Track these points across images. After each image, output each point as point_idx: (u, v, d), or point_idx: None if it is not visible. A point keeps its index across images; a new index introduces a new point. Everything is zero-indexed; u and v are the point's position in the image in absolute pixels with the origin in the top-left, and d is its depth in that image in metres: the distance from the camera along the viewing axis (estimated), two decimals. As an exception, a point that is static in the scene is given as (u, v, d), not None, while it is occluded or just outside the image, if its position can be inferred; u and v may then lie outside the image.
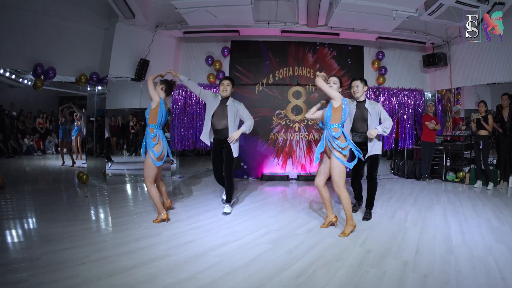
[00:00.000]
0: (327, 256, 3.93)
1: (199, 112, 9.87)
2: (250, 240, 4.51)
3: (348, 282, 3.26)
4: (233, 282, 3.26)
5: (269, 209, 6.23)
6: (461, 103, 10.99)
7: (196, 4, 7.63)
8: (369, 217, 5.58)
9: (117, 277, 3.30)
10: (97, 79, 8.53)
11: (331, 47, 9.87)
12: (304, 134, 9.75)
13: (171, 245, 4.24)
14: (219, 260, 3.80)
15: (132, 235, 4.62)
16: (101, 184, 8.41)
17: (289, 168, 9.79)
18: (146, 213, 5.78)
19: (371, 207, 5.79)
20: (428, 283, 3.21)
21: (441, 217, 5.65)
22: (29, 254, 3.80)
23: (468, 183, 8.86)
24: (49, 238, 4.34)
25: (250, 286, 3.18)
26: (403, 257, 3.85)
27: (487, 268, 3.53)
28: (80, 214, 5.63)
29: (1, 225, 4.89)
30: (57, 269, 3.40)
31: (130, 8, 7.78)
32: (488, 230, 4.87)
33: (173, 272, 3.44)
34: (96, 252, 3.92)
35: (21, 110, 15.52)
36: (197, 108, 9.91)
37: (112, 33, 8.42)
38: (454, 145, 9.48)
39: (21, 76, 11.07)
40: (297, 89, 9.77)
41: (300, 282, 3.26)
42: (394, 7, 7.59)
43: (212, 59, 9.93)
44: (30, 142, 15.20)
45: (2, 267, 3.39)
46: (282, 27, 9.00)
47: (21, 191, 7.40)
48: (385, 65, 10.20)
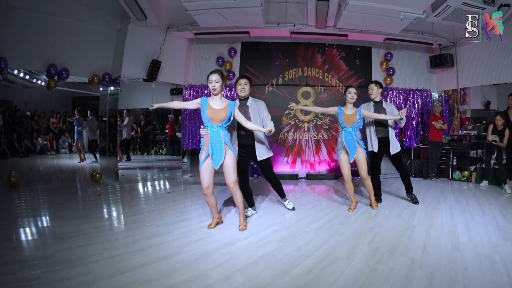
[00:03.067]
0: (336, 253, 3.95)
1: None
2: (260, 238, 4.53)
3: (356, 279, 3.27)
4: (243, 279, 3.29)
5: (279, 208, 6.26)
6: (467, 103, 11.00)
7: (207, 5, 7.70)
8: (415, 200, 6.54)
9: (129, 274, 3.34)
10: (110, 79, 8.67)
11: (340, 48, 9.94)
12: (313, 133, 9.83)
13: (182, 243, 4.27)
14: (229, 257, 3.83)
15: (144, 233, 4.67)
16: (113, 182, 8.53)
17: (298, 167, 9.86)
18: (158, 211, 5.84)
19: (411, 190, 6.65)
20: (435, 280, 3.21)
21: (448, 215, 5.67)
22: (43, 251, 3.85)
23: (474, 182, 8.89)
24: (62, 236, 4.40)
25: (260, 283, 3.20)
26: (410, 255, 3.86)
27: (493, 266, 3.53)
28: (93, 212, 5.73)
29: (16, 223, 4.98)
30: (70, 267, 3.45)
31: (142, 9, 7.89)
32: (494, 228, 4.88)
33: (184, 270, 3.48)
34: (109, 249, 3.97)
35: (35, 110, 15.63)
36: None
37: (125, 34, 8.54)
38: (461, 144, 9.53)
39: (34, 76, 11.20)
40: (306, 89, 9.85)
41: (309, 279, 3.27)
42: (402, 8, 7.65)
43: (222, 60, 10.02)
44: (44, 141, 15.34)
45: (17, 265, 3.45)
46: (292, 29, 9.07)
47: (34, 190, 7.48)
48: (393, 66, 10.26)
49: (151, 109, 4.84)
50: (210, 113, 4.61)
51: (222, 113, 4.64)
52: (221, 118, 4.64)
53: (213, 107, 4.65)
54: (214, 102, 4.71)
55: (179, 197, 6.95)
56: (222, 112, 4.65)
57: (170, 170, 11.46)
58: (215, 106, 4.68)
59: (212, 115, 4.61)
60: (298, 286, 3.15)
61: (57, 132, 16.01)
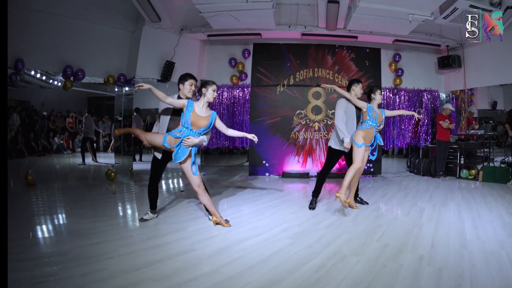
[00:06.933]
0: (345, 250, 4.01)
1: (222, 112, 10.21)
2: (272, 235, 4.59)
3: (365, 275, 3.31)
4: (255, 276, 3.33)
5: (290, 206, 6.33)
6: (474, 103, 11.05)
7: (219, 8, 7.85)
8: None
9: (144, 270, 3.40)
10: (125, 80, 8.82)
11: (350, 50, 10.02)
12: (323, 133, 9.91)
13: (195, 240, 4.35)
14: (241, 254, 3.90)
15: (158, 230, 4.78)
16: (128, 181, 8.67)
17: (309, 166, 9.94)
18: (172, 209, 5.96)
19: None
20: (443, 277, 3.25)
21: (455, 213, 5.72)
22: (59, 248, 3.95)
23: (482, 180, 8.94)
24: (78, 233, 4.51)
25: (271, 280, 3.24)
26: (418, 252, 3.90)
27: (500, 262, 3.58)
28: (108, 210, 5.85)
29: (33, 220, 5.11)
30: (86, 263, 3.53)
31: (156, 12, 8.01)
32: (500, 226, 4.93)
33: (198, 266, 3.55)
34: (124, 246, 4.07)
35: (51, 110, 15.79)
36: (220, 109, 10.24)
37: (139, 36, 8.66)
38: (468, 143, 9.63)
39: (51, 77, 11.28)
40: (317, 90, 9.92)
41: (320, 276, 3.32)
42: (410, 11, 7.77)
43: (235, 61, 10.20)
44: (60, 141, 15.52)
45: (33, 261, 3.54)
46: (303, 30, 9.20)
47: (51, 188, 7.65)
48: (402, 67, 10.40)
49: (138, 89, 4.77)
50: (193, 117, 4.69)
51: (203, 121, 4.74)
52: (201, 125, 4.74)
53: (197, 113, 4.74)
54: (199, 109, 4.80)
55: (192, 195, 7.05)
56: (204, 120, 4.75)
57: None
58: (200, 113, 4.77)
59: (194, 120, 4.69)
60: (308, 283, 3.20)
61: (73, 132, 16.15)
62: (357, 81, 6.14)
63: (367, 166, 9.91)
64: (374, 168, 10.12)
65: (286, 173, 9.75)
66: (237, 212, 5.81)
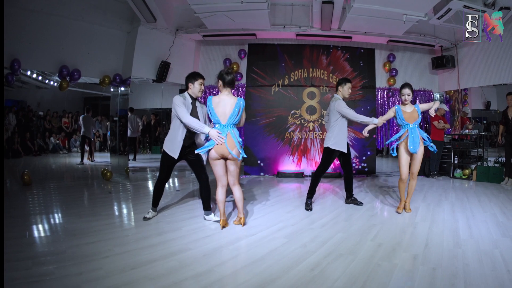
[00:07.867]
0: (340, 249, 4.02)
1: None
2: (267, 234, 4.61)
3: (360, 274, 3.33)
4: (250, 275, 3.34)
5: (285, 205, 6.34)
6: (468, 103, 11.11)
7: (214, 8, 7.90)
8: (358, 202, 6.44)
9: (139, 270, 3.41)
10: (120, 80, 8.82)
11: (344, 50, 10.07)
12: (318, 133, 9.95)
13: (190, 239, 4.35)
14: (236, 253, 3.95)
15: (153, 229, 4.78)
16: (124, 181, 8.66)
17: (304, 166, 9.98)
18: (167, 208, 5.94)
19: None
20: (437, 276, 3.28)
21: (449, 213, 5.74)
22: (55, 247, 3.95)
23: (475, 180, 9.01)
24: (74, 232, 4.51)
25: (266, 279, 3.25)
26: (412, 251, 3.93)
27: (493, 261, 3.61)
28: (104, 210, 5.83)
29: (29, 220, 5.11)
30: (82, 262, 3.53)
31: (151, 12, 8.02)
32: (494, 225, 4.96)
33: (193, 265, 3.54)
34: (119, 246, 4.07)
35: (48, 110, 15.79)
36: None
37: (135, 37, 8.69)
38: (462, 143, 9.72)
39: (47, 77, 11.26)
40: (312, 90, 9.97)
41: (315, 275, 3.34)
42: (404, 11, 7.82)
43: (230, 61, 10.21)
44: (56, 140, 15.52)
45: (30, 260, 3.54)
46: (297, 31, 9.25)
47: (47, 188, 7.64)
48: (396, 67, 10.43)
49: None
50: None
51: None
52: None
53: None
54: None
55: (187, 195, 7.05)
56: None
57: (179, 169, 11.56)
58: None
59: None
60: (303, 281, 3.22)
61: (69, 132, 16.16)
62: (345, 81, 6.09)
63: (361, 165, 9.98)
64: (368, 168, 10.15)
65: (281, 172, 9.79)
66: (231, 212, 5.81)
